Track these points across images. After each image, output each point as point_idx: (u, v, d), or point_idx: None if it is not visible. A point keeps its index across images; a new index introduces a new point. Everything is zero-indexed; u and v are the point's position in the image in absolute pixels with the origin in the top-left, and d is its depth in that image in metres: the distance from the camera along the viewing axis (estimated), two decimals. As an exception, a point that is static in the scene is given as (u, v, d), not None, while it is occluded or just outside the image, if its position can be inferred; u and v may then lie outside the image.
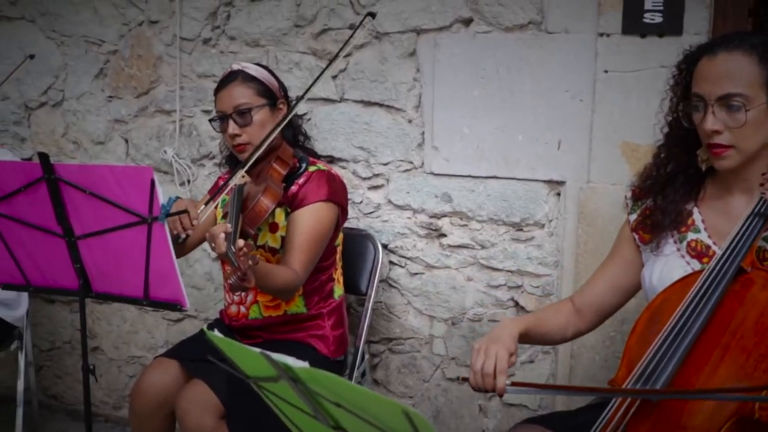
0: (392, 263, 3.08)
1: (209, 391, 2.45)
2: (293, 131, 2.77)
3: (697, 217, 1.96)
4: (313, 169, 2.64)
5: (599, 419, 1.74)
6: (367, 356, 3.05)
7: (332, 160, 3.07)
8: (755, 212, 1.80)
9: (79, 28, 3.48)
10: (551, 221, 2.83)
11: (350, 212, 2.95)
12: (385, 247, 3.03)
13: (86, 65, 3.50)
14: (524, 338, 1.99)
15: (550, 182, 2.81)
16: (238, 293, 2.68)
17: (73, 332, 3.74)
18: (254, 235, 2.53)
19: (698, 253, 1.93)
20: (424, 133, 2.95)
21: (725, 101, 1.79)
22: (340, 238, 2.76)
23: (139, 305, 2.23)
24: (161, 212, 1.97)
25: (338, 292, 2.76)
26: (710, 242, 1.92)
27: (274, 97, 2.66)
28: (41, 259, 2.19)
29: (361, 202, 3.08)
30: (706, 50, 1.86)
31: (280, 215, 2.61)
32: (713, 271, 1.77)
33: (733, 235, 1.80)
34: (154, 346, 3.58)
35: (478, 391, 1.86)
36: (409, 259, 3.05)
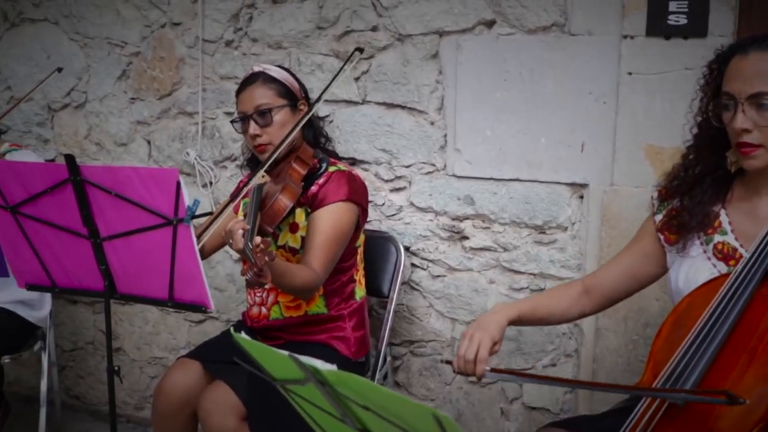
0: (414, 266, 3.07)
1: (231, 392, 2.46)
2: (314, 132, 2.77)
3: (724, 219, 1.95)
4: (333, 169, 2.65)
5: (625, 423, 1.73)
6: (389, 358, 3.05)
7: (354, 162, 3.07)
8: (783, 215, 1.79)
9: (102, 29, 3.50)
10: (574, 224, 2.82)
11: (372, 214, 2.95)
12: (407, 249, 3.03)
13: (109, 67, 3.52)
14: (518, 323, 2.07)
15: (573, 185, 2.80)
16: (260, 295, 2.69)
17: (95, 333, 3.76)
18: (274, 233, 2.54)
19: (725, 255, 1.92)
20: (446, 135, 2.94)
21: (756, 100, 1.78)
22: (361, 239, 2.76)
23: (163, 307, 2.23)
24: (186, 214, 1.97)
25: (360, 293, 2.76)
26: (737, 245, 1.91)
27: (294, 98, 2.67)
28: (66, 260, 2.20)
29: (383, 204, 3.07)
30: (737, 49, 1.85)
31: (300, 215, 2.61)
32: (740, 274, 1.76)
33: (760, 237, 1.79)
34: (176, 347, 3.59)
35: (460, 374, 1.96)
36: (431, 261, 3.04)
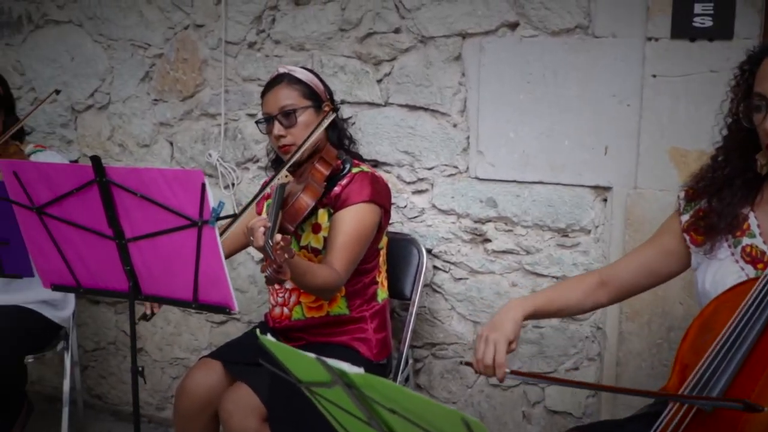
0: (436, 268, 3.07)
1: (252, 393, 2.47)
2: (338, 134, 2.78)
3: (752, 221, 1.93)
4: (356, 170, 2.65)
5: (653, 428, 1.72)
6: (410, 361, 3.04)
7: (377, 164, 3.07)
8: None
9: (125, 31, 3.51)
10: (597, 227, 2.81)
11: (394, 216, 2.95)
12: (429, 251, 3.02)
13: (132, 68, 3.54)
14: (533, 317, 2.05)
15: (596, 188, 2.78)
16: (282, 295, 2.70)
17: (117, 333, 3.78)
18: (295, 233, 2.55)
19: (753, 258, 1.90)
20: (469, 137, 2.93)
21: None
22: (383, 240, 2.75)
23: (187, 308, 2.24)
24: (211, 215, 1.97)
25: (382, 295, 2.76)
26: (766, 248, 1.89)
27: (319, 99, 2.68)
28: (91, 260, 2.21)
29: (405, 206, 3.07)
30: None
31: (323, 216, 2.62)
32: (769, 277, 1.75)
33: (790, 241, 1.78)
34: (197, 348, 3.61)
35: (481, 374, 1.95)
36: (453, 264, 3.04)
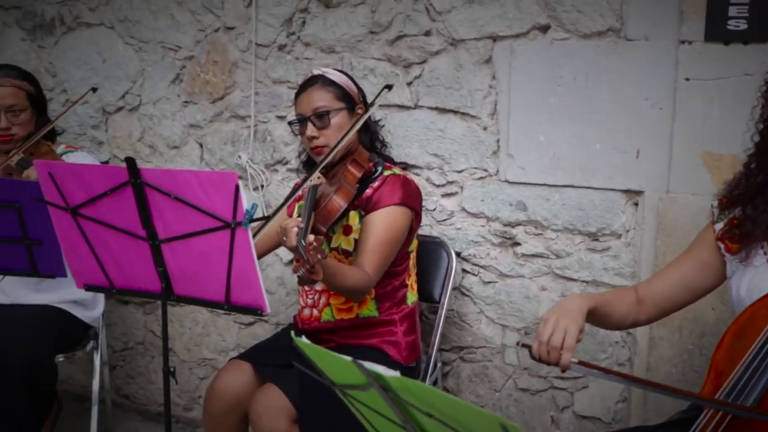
0: (465, 271, 3.06)
1: (282, 395, 2.48)
2: (370, 136, 2.78)
3: (788, 228, 1.91)
4: (388, 173, 2.65)
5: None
6: (439, 364, 3.04)
7: (406, 166, 3.07)
8: None
9: (156, 34, 3.54)
10: (628, 231, 2.79)
11: (423, 219, 2.94)
12: (458, 254, 3.02)
13: (163, 71, 3.56)
14: (588, 317, 1.94)
15: (627, 192, 2.77)
16: (311, 296, 2.71)
17: (145, 333, 3.80)
18: (327, 234, 2.55)
19: (789, 265, 1.88)
20: (499, 140, 2.93)
21: None
22: (414, 244, 2.75)
23: (219, 309, 2.24)
24: (245, 217, 1.98)
25: (411, 298, 2.76)
26: (801, 255, 1.88)
27: (352, 101, 2.68)
28: (124, 261, 2.22)
29: (434, 209, 3.07)
30: None
31: (354, 218, 2.62)
32: (806, 285, 1.73)
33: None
34: (225, 348, 3.62)
35: (538, 361, 1.84)
36: (482, 267, 3.03)
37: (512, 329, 3.01)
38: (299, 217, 2.43)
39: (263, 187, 3.39)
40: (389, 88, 2.71)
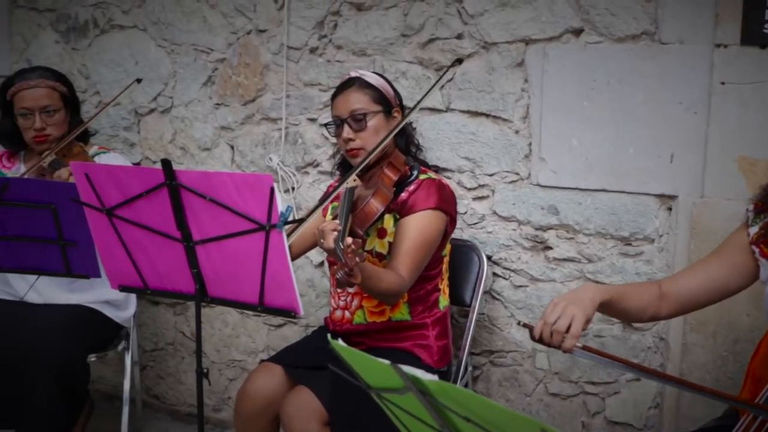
0: (496, 275, 3.05)
1: (314, 397, 2.48)
2: (406, 140, 2.78)
3: (823, 233, 1.89)
4: (423, 177, 2.65)
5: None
6: (469, 368, 3.03)
7: (437, 170, 3.06)
8: None
9: (188, 36, 3.56)
10: (662, 236, 2.77)
11: (456, 222, 2.94)
12: (489, 258, 3.01)
13: (195, 73, 3.58)
14: (603, 308, 1.96)
15: (661, 196, 2.75)
16: (344, 298, 2.71)
17: (176, 334, 3.82)
18: (363, 237, 2.55)
19: (825, 271, 1.86)
20: (531, 144, 2.92)
21: None
22: (447, 248, 2.75)
23: (253, 311, 2.25)
24: (279, 220, 1.98)
25: (443, 302, 2.75)
26: (838, 260, 1.85)
27: (389, 104, 2.68)
28: (159, 262, 2.23)
29: (465, 212, 3.06)
30: None
31: (388, 221, 2.62)
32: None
33: None
34: (254, 350, 3.63)
35: (539, 342, 1.86)
36: (513, 271, 3.02)
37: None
38: (334, 219, 2.43)
39: (294, 189, 3.40)
40: (460, 62, 2.75)
